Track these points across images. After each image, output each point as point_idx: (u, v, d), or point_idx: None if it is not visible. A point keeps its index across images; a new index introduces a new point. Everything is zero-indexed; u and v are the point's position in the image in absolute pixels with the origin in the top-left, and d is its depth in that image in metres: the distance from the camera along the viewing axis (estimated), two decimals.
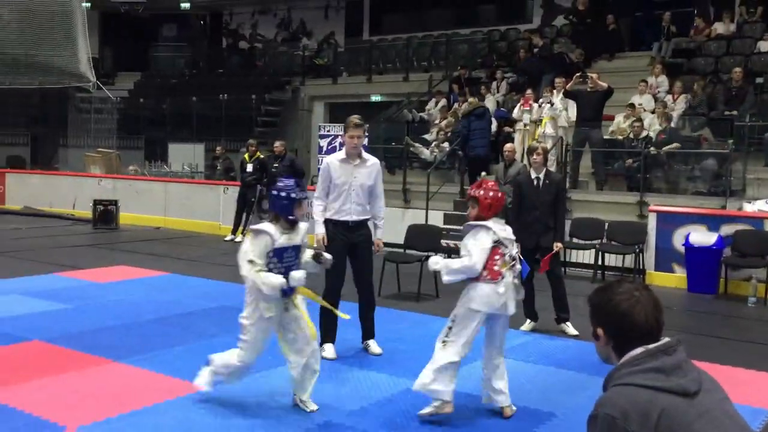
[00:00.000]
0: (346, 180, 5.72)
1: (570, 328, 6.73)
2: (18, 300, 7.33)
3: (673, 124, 11.28)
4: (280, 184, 4.52)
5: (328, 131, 12.36)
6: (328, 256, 4.73)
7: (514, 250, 4.62)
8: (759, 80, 11.52)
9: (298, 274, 4.36)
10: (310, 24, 21.62)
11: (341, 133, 12.05)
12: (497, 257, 4.48)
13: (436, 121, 14.20)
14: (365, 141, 11.85)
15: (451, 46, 17.66)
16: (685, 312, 8.08)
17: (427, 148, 13.45)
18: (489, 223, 4.53)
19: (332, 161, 5.81)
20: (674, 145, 10.81)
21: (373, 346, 5.92)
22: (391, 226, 11.70)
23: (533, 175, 6.87)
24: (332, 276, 5.76)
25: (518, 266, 4.67)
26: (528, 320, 6.91)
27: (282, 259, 4.37)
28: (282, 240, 4.37)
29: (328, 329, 5.78)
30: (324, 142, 12.23)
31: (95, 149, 17.88)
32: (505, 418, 4.54)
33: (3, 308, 6.91)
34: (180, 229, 13.93)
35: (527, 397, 4.91)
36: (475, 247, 4.44)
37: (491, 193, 4.60)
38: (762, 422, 4.60)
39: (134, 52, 22.91)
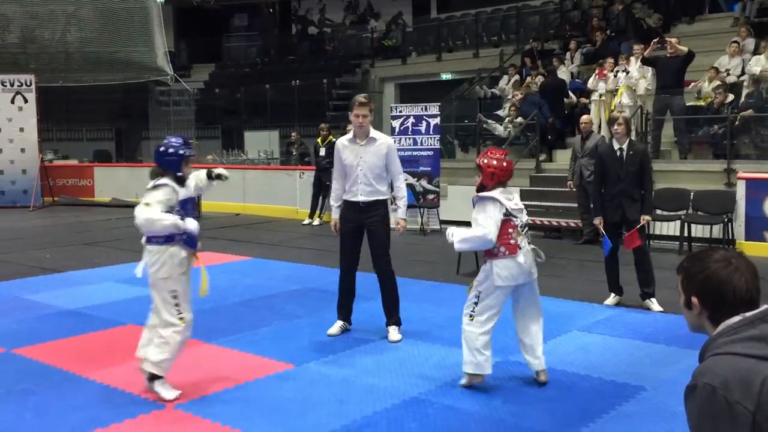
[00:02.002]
0: (353, 161, 5.59)
1: (655, 305, 6.53)
2: (112, 287, 7.69)
3: (760, 87, 10.76)
4: (167, 141, 4.50)
5: (400, 112, 12.33)
6: (221, 171, 4.84)
7: (525, 217, 4.56)
8: None
9: (193, 222, 4.46)
10: (377, 5, 21.62)
11: (413, 113, 12.10)
12: (511, 230, 4.44)
13: (509, 97, 13.99)
14: (438, 120, 11.94)
15: (522, 19, 17.33)
16: None
17: (501, 124, 13.28)
18: (495, 193, 4.44)
19: (341, 142, 5.71)
20: (749, 111, 10.32)
21: (392, 333, 5.68)
22: (467, 204, 11.69)
23: (615, 146, 6.64)
24: (345, 257, 5.77)
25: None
26: (612, 294, 6.76)
27: (187, 210, 4.47)
28: (183, 192, 4.46)
29: (342, 303, 5.83)
30: (396, 123, 12.22)
31: None
32: (540, 383, 4.55)
33: (99, 295, 7.28)
34: (259, 215, 14.27)
35: (614, 371, 4.83)
36: (486, 219, 4.40)
37: (495, 162, 4.51)
38: None
39: (208, 44, 23.48)
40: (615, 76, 11.82)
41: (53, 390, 4.59)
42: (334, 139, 13.10)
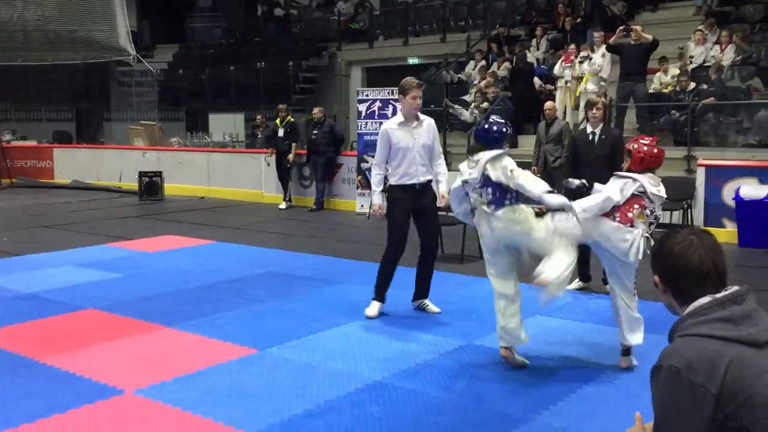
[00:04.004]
0: (409, 143, 5.67)
1: None
2: (72, 270, 7.54)
3: (722, 76, 10.94)
4: (491, 118, 4.79)
5: (366, 96, 12.26)
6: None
7: (659, 211, 4.65)
8: None
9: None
10: None
11: (380, 97, 12.04)
12: (636, 205, 4.54)
13: (475, 82, 14.01)
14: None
15: (489, 5, 17.31)
16: (736, 267, 7.87)
17: (467, 109, 13.30)
18: (639, 176, 4.58)
19: (391, 126, 5.75)
20: (711, 99, 10.50)
21: (431, 305, 5.97)
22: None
23: (589, 130, 6.64)
24: (398, 241, 5.79)
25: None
26: (577, 279, 6.81)
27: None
28: None
29: (381, 287, 5.86)
30: (362, 107, 12.16)
31: (138, 122, 18.15)
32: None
33: (59, 278, 7.13)
34: (223, 198, 14.11)
35: (576, 354, 4.90)
36: (613, 189, 4.58)
37: (645, 148, 4.67)
38: None
39: (171, 25, 23.04)
40: (580, 63, 11.90)
41: (9, 375, 4.48)
42: (293, 120, 13.04)
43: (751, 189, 8.77)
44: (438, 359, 4.82)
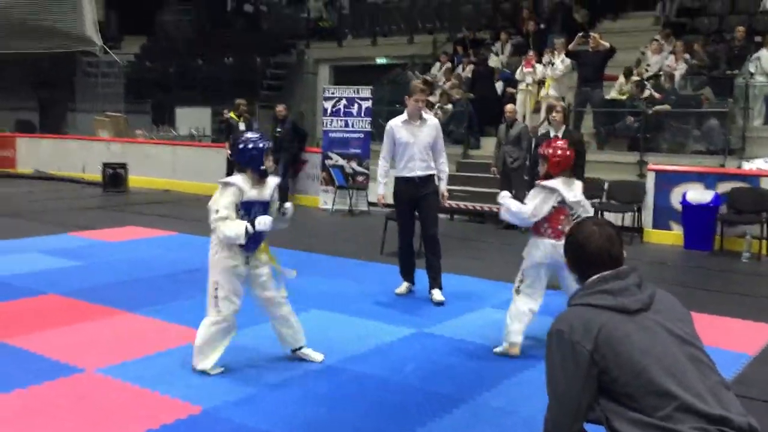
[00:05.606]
0: (410, 139, 6.13)
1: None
2: (35, 257, 7.62)
3: (675, 85, 11.37)
4: (245, 136, 4.46)
5: (332, 93, 12.48)
6: (288, 205, 4.62)
7: (585, 213, 4.89)
8: (758, 39, 11.53)
9: (264, 219, 4.23)
10: None
11: (345, 95, 12.26)
12: (563, 217, 4.81)
13: (440, 83, 14.28)
14: (369, 103, 12.15)
15: (456, 8, 17.64)
16: (680, 267, 8.29)
17: (431, 110, 13.57)
18: (557, 184, 4.78)
19: (395, 123, 6.25)
20: (665, 106, 10.93)
21: (437, 294, 6.23)
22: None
23: (552, 133, 6.98)
24: (404, 229, 6.35)
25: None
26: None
27: (250, 213, 4.34)
28: (251, 194, 4.36)
29: (403, 270, 6.44)
30: (329, 105, 12.37)
31: (103, 113, 18.07)
32: None
33: (22, 265, 7.20)
34: (188, 192, 14.18)
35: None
36: (535, 201, 4.80)
37: (559, 152, 4.88)
38: (742, 365, 4.84)
39: (140, 16, 22.93)
40: (544, 67, 12.24)
41: None
42: (249, 116, 13.18)
43: (697, 194, 9.17)
44: (389, 345, 5.05)
